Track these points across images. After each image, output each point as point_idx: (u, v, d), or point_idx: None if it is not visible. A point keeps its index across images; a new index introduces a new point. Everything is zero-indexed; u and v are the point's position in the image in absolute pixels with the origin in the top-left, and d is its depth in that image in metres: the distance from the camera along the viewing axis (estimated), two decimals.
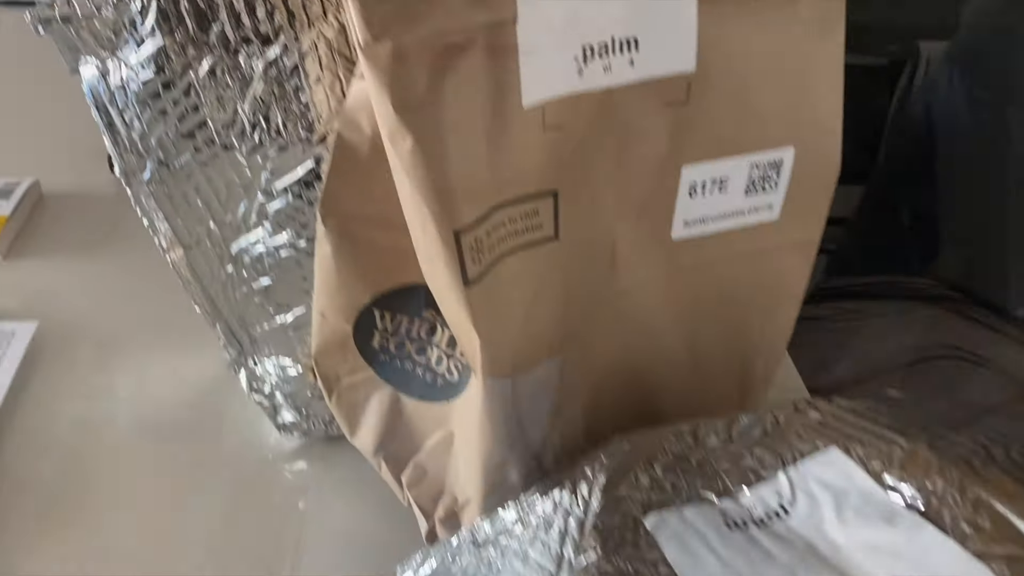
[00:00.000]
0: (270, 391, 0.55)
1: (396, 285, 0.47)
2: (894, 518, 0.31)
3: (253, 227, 0.47)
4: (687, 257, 0.45)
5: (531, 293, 0.42)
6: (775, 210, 0.46)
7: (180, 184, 0.46)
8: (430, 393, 0.49)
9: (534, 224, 0.41)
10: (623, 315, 0.45)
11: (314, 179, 0.45)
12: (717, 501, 0.34)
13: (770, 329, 0.51)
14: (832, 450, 0.35)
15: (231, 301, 0.51)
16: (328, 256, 0.45)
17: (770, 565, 0.30)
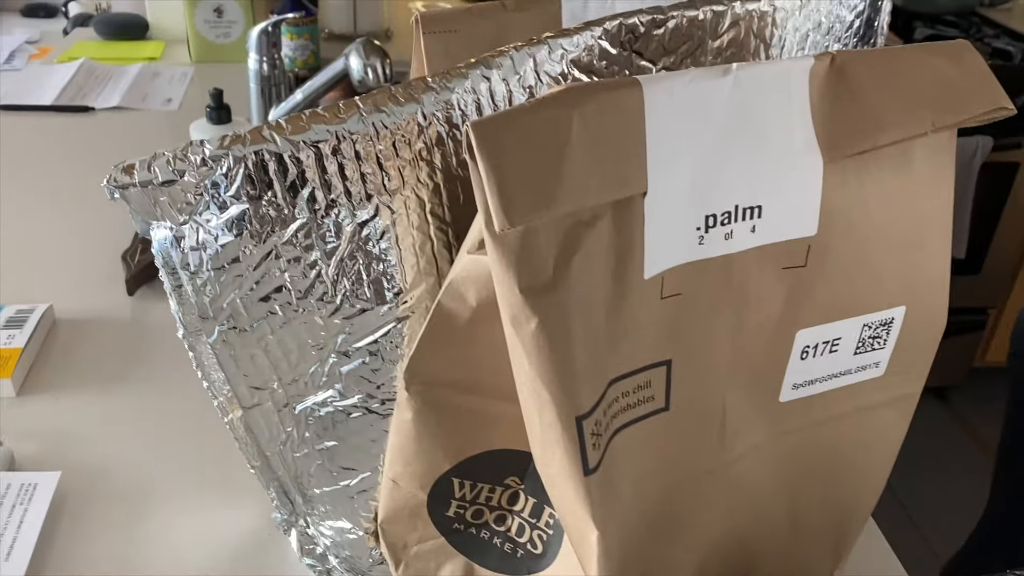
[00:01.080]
0: (323, 552, 0.51)
1: (479, 451, 0.44)
2: None
3: (323, 387, 0.44)
4: (792, 421, 0.43)
5: (640, 468, 0.39)
6: (881, 367, 0.43)
7: (248, 347, 0.42)
8: (509, 565, 0.46)
9: (646, 396, 0.38)
10: (730, 486, 0.42)
11: (398, 343, 0.42)
12: None
13: (865, 489, 0.48)
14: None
15: (287, 461, 0.47)
16: (408, 422, 0.42)
17: None
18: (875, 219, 0.38)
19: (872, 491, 0.49)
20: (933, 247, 0.41)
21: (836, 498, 0.47)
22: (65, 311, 0.76)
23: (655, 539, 0.40)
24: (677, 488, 0.41)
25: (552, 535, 0.44)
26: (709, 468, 0.41)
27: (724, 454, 0.41)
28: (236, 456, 0.59)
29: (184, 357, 0.55)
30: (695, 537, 0.42)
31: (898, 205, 0.39)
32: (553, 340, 0.33)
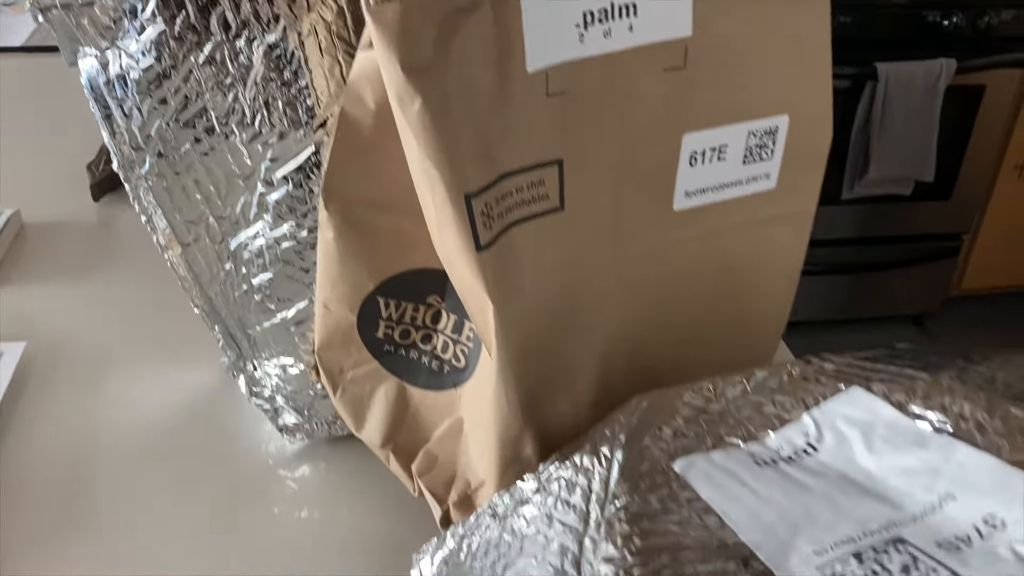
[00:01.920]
0: (270, 394, 0.55)
1: (400, 271, 0.47)
2: (925, 442, 0.31)
3: (253, 220, 0.47)
4: (687, 229, 0.46)
5: (538, 263, 0.42)
6: (772, 179, 0.46)
7: (180, 177, 0.45)
8: (437, 381, 0.49)
9: (540, 194, 0.41)
10: (628, 287, 0.45)
11: (314, 167, 0.45)
12: (743, 445, 0.34)
13: (767, 309, 0.52)
14: (854, 389, 0.35)
15: (230, 300, 0.51)
16: (331, 242, 0.45)
17: (806, 493, 0.30)
18: (749, 27, 0.41)
19: (776, 313, 0.52)
20: (811, 61, 0.44)
21: (738, 312, 0.50)
22: (33, 216, 0.79)
23: (556, 331, 0.44)
24: (576, 285, 0.44)
25: (472, 348, 0.47)
26: (606, 268, 0.44)
27: (620, 256, 0.44)
28: (190, 326, 0.62)
29: (146, 254, 0.58)
30: (595, 333, 0.46)
31: (771, 15, 0.42)
32: (437, 119, 0.36)
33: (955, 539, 0.27)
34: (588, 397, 0.46)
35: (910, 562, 0.26)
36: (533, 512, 0.37)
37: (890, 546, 0.27)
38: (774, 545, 0.28)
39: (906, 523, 0.28)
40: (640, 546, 0.30)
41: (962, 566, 0.26)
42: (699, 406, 0.37)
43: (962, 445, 0.30)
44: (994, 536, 0.26)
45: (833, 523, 0.29)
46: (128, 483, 0.52)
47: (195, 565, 0.47)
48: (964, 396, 0.32)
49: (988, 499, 0.28)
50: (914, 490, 0.29)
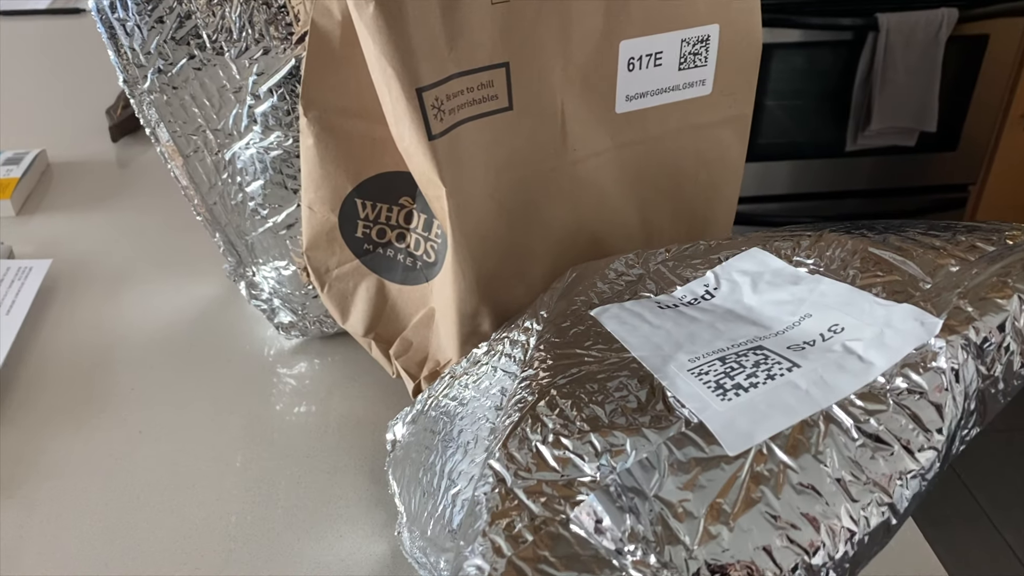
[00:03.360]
0: (268, 296, 0.61)
1: (374, 173, 0.52)
2: (799, 280, 0.36)
3: (244, 132, 0.53)
4: (631, 131, 0.51)
5: (490, 159, 0.47)
6: (707, 85, 0.51)
7: (178, 92, 0.51)
8: (411, 276, 0.55)
9: (489, 95, 0.46)
10: (577, 184, 0.51)
11: (297, 80, 0.51)
12: (653, 296, 0.40)
13: (714, 208, 0.57)
14: (753, 249, 0.40)
15: (228, 208, 0.57)
16: (311, 148, 0.51)
17: (694, 323, 0.36)
18: None
19: (723, 209, 0.57)
20: None
21: (686, 212, 0.55)
22: (57, 156, 0.86)
23: (512, 224, 0.49)
24: (529, 182, 0.49)
25: (440, 243, 0.53)
26: (554, 166, 0.49)
27: (567, 155, 0.50)
28: (197, 248, 0.69)
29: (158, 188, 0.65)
30: (549, 228, 0.51)
31: None
32: (390, 20, 0.41)
33: (803, 343, 0.32)
34: (542, 283, 0.52)
35: (762, 360, 0.31)
36: (483, 368, 0.43)
37: (750, 352, 0.32)
38: (657, 358, 0.33)
39: (768, 338, 0.33)
40: (551, 365, 0.35)
41: (801, 359, 0.31)
42: (622, 270, 0.42)
43: (825, 279, 0.35)
44: (833, 338, 0.32)
45: (710, 342, 0.34)
46: (144, 377, 0.59)
47: (196, 451, 0.53)
48: (837, 243, 0.37)
49: (836, 313, 0.33)
50: (782, 315, 0.35)
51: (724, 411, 0.29)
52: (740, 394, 0.30)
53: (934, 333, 0.29)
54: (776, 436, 0.28)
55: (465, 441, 0.39)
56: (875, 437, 0.28)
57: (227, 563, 0.45)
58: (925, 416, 0.28)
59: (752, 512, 0.27)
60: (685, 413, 0.30)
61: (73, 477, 0.50)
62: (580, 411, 0.31)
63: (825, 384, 0.29)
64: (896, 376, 0.29)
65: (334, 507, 0.48)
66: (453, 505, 0.37)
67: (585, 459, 0.29)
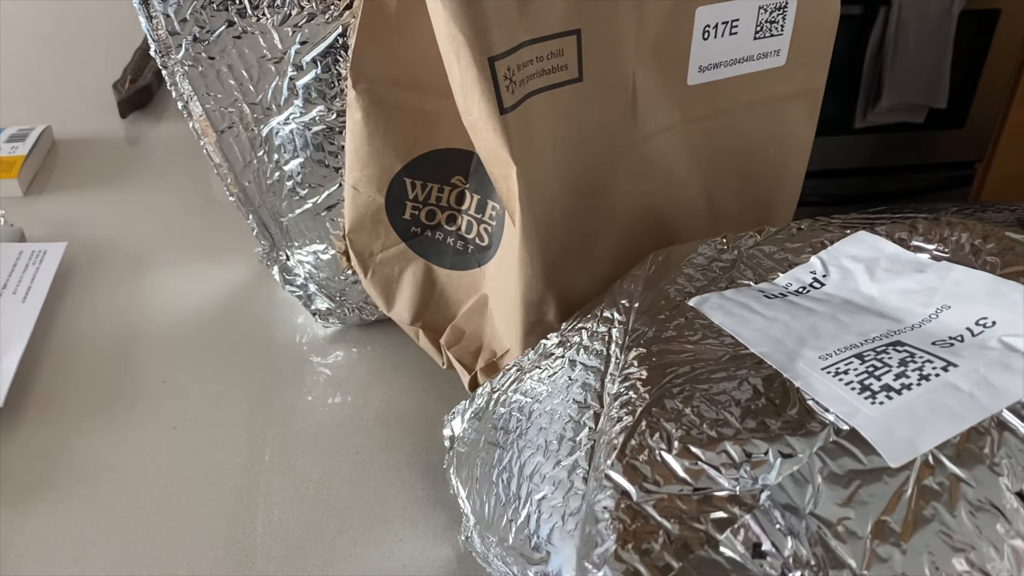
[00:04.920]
0: (303, 281, 0.57)
1: (425, 151, 0.49)
2: (924, 268, 0.33)
3: (284, 106, 0.49)
4: (702, 105, 0.48)
5: (559, 134, 0.44)
6: (782, 55, 0.48)
7: (214, 62, 0.47)
8: (462, 261, 0.52)
9: (559, 64, 0.43)
10: (646, 162, 0.47)
11: (342, 50, 0.47)
12: (754, 285, 0.37)
13: (781, 184, 0.54)
14: (860, 233, 0.37)
15: (263, 188, 0.53)
16: (359, 123, 0.47)
17: (812, 315, 0.33)
18: None
19: (789, 188, 0.54)
20: None
21: (753, 191, 0.52)
22: (63, 132, 0.81)
23: (577, 202, 0.46)
24: (596, 158, 0.46)
25: (495, 226, 0.50)
26: (624, 142, 0.46)
27: (637, 130, 0.46)
28: (220, 228, 0.65)
29: (173, 166, 0.61)
30: (615, 206, 0.48)
31: None
32: None
33: (949, 339, 0.29)
34: (608, 268, 0.49)
35: (908, 357, 0.28)
36: (557, 361, 0.40)
37: (890, 348, 0.29)
38: (782, 354, 0.30)
39: (905, 331, 0.30)
40: (656, 362, 0.32)
41: (954, 356, 0.28)
42: (712, 256, 0.39)
43: (958, 267, 0.32)
44: (985, 333, 0.29)
45: (837, 335, 0.31)
46: (174, 368, 0.55)
47: (234, 446, 0.50)
48: (962, 227, 0.34)
49: (981, 306, 0.30)
50: (913, 307, 0.32)
51: (878, 416, 0.26)
52: (892, 397, 0.27)
53: None
54: (943, 445, 0.25)
55: (546, 441, 0.36)
56: None
57: (281, 567, 0.42)
58: None
59: (925, 531, 0.24)
60: (831, 418, 0.27)
61: (107, 478, 0.47)
62: (703, 415, 0.28)
63: (991, 386, 0.26)
64: None
65: (391, 508, 0.45)
66: (539, 511, 0.34)
67: (721, 471, 0.26)
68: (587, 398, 0.35)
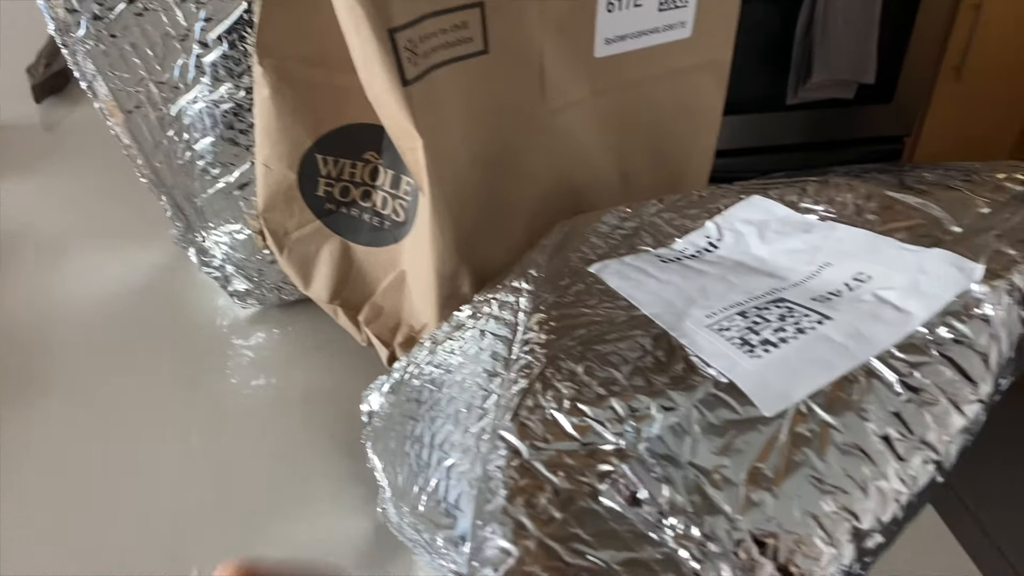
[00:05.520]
0: (220, 263, 0.57)
1: (336, 126, 0.49)
2: (811, 228, 0.34)
3: (192, 84, 0.49)
4: (610, 77, 0.48)
5: (467, 107, 0.44)
6: (688, 27, 0.49)
7: (116, 40, 0.47)
8: (378, 237, 0.52)
9: (464, 37, 0.43)
10: (558, 135, 0.48)
11: (248, 25, 0.47)
12: (652, 250, 0.37)
13: (692, 158, 0.55)
14: (754, 197, 0.38)
15: (174, 168, 0.52)
16: (267, 99, 0.47)
17: (703, 276, 0.34)
18: None
19: (700, 158, 0.55)
20: None
21: (664, 161, 0.53)
22: None
23: (490, 176, 0.46)
24: (507, 132, 0.46)
25: (410, 201, 0.50)
26: (534, 114, 0.47)
27: (547, 103, 0.47)
28: (138, 213, 0.64)
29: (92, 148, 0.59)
30: (528, 180, 0.48)
31: None
32: None
33: (828, 293, 0.30)
34: (523, 240, 0.49)
35: (787, 312, 0.29)
36: (468, 332, 0.40)
37: (772, 305, 0.30)
38: (671, 315, 0.31)
39: (788, 289, 0.31)
40: (555, 327, 0.33)
41: (831, 310, 0.29)
42: (616, 224, 0.40)
43: (841, 226, 0.33)
44: (861, 287, 0.30)
45: (724, 295, 0.32)
46: (87, 355, 0.54)
47: (158, 431, 0.49)
48: (848, 188, 0.35)
49: (860, 262, 0.31)
50: (797, 265, 0.33)
51: (755, 369, 0.27)
52: (770, 350, 0.28)
53: (975, 279, 0.27)
54: (815, 394, 0.26)
55: (456, 410, 0.36)
56: (920, 391, 0.26)
57: (200, 548, 0.42)
58: (971, 367, 0.26)
59: (796, 476, 0.25)
60: (712, 373, 0.28)
61: (19, 468, 0.46)
62: (594, 374, 0.29)
63: (862, 336, 0.27)
64: (938, 326, 0.27)
65: (313, 485, 0.45)
66: (448, 478, 0.34)
67: (607, 426, 0.27)
68: (495, 367, 0.36)
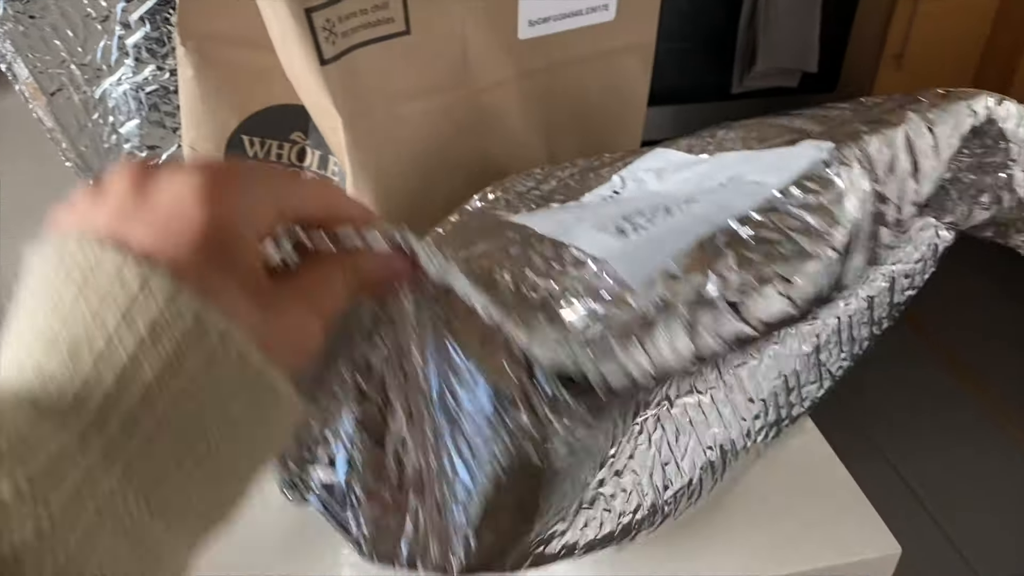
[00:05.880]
0: None
1: (261, 107, 0.49)
2: (702, 162, 0.36)
3: (115, 66, 0.48)
4: (535, 58, 0.49)
5: (389, 87, 0.44)
6: (611, 9, 0.49)
7: (36, 22, 0.46)
8: None
9: (385, 17, 0.43)
10: (484, 115, 0.48)
11: (170, 7, 0.47)
12: (560, 205, 0.38)
13: (619, 133, 0.55)
14: (657, 148, 0.39)
15: (100, 152, 0.52)
16: (190, 80, 0.47)
17: (600, 207, 0.35)
18: None
19: (628, 141, 0.56)
20: None
21: (592, 143, 0.54)
22: None
23: (416, 158, 0.47)
24: (430, 113, 0.46)
25: (338, 182, 0.50)
26: (458, 95, 0.47)
27: (471, 83, 0.47)
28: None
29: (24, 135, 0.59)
30: (453, 163, 0.49)
31: None
32: None
33: (704, 192, 0.32)
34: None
35: (660, 204, 0.31)
36: None
37: (651, 207, 0.31)
38: (559, 229, 0.32)
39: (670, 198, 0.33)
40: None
41: (700, 195, 0.31)
42: (533, 185, 0.41)
43: (728, 153, 0.35)
44: (736, 180, 0.32)
45: (611, 210, 0.33)
46: None
47: None
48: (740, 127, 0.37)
49: (736, 168, 0.33)
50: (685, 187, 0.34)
51: (625, 247, 0.28)
52: (640, 232, 0.29)
53: (828, 150, 0.29)
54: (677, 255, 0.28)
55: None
56: (772, 242, 0.28)
57: None
58: (820, 218, 0.28)
59: None
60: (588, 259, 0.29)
61: None
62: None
63: (722, 207, 0.29)
64: (791, 187, 0.29)
65: None
66: None
67: None
68: None
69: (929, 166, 0.30)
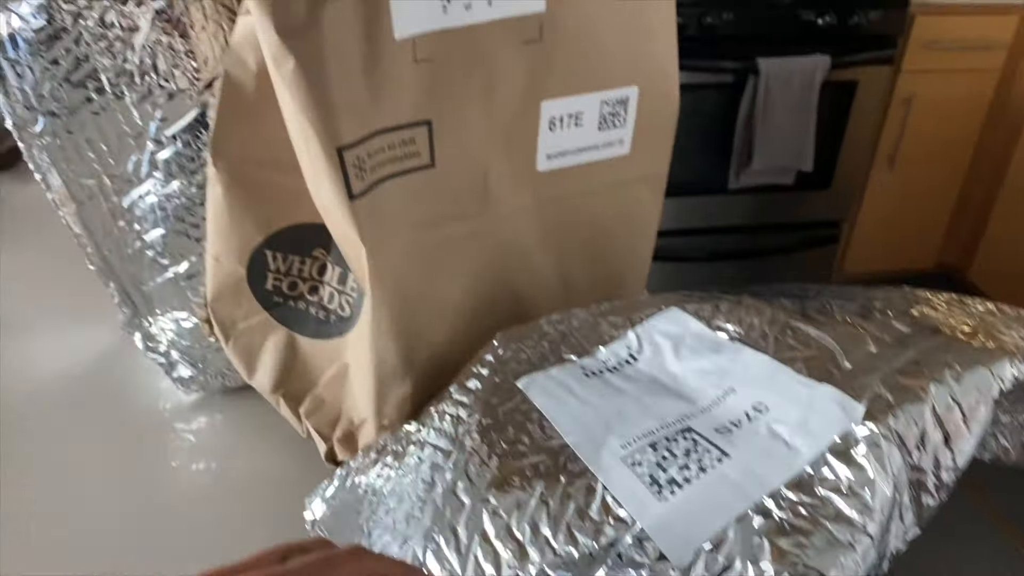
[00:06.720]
0: (166, 348, 0.57)
1: (286, 225, 0.50)
2: (720, 348, 0.37)
3: (145, 178, 0.50)
4: (552, 188, 0.51)
5: (412, 215, 0.46)
6: (626, 144, 0.52)
7: (73, 136, 0.48)
8: (324, 330, 0.53)
9: (411, 152, 0.45)
10: (500, 242, 0.50)
11: (202, 126, 0.48)
12: (577, 360, 0.39)
13: (630, 260, 0.57)
14: (672, 309, 0.40)
15: (123, 257, 0.53)
16: (219, 197, 0.48)
17: (620, 396, 0.36)
18: (599, 3, 0.46)
19: (638, 264, 0.58)
20: (660, 37, 0.49)
21: (604, 267, 0.56)
22: None
23: (432, 278, 0.48)
24: (450, 238, 0.48)
25: (356, 297, 0.51)
26: (477, 222, 0.49)
27: (491, 212, 0.49)
28: (85, 294, 0.64)
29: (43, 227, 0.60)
30: (470, 285, 0.50)
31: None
32: (310, 78, 0.40)
33: (729, 424, 0.32)
34: (466, 339, 0.51)
35: (691, 446, 0.32)
36: (412, 444, 0.42)
37: (679, 435, 0.32)
38: (589, 444, 0.33)
39: (696, 415, 0.34)
40: (489, 452, 0.34)
41: (730, 446, 0.31)
42: (546, 332, 0.42)
43: (747, 349, 0.36)
44: (758, 419, 0.32)
45: (638, 419, 0.34)
46: (27, 441, 0.54)
47: (94, 519, 0.49)
48: (756, 311, 0.38)
49: (760, 390, 0.33)
50: (706, 387, 0.35)
51: (662, 513, 0.29)
52: (675, 492, 0.30)
53: (856, 420, 0.30)
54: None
55: (394, 521, 0.37)
56: (805, 531, 0.28)
57: None
58: (852, 505, 0.29)
59: None
60: (624, 515, 0.30)
61: None
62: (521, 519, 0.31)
63: (755, 476, 0.30)
64: (823, 465, 0.29)
65: None
66: None
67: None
68: (433, 477, 0.37)
69: (961, 437, 0.31)
